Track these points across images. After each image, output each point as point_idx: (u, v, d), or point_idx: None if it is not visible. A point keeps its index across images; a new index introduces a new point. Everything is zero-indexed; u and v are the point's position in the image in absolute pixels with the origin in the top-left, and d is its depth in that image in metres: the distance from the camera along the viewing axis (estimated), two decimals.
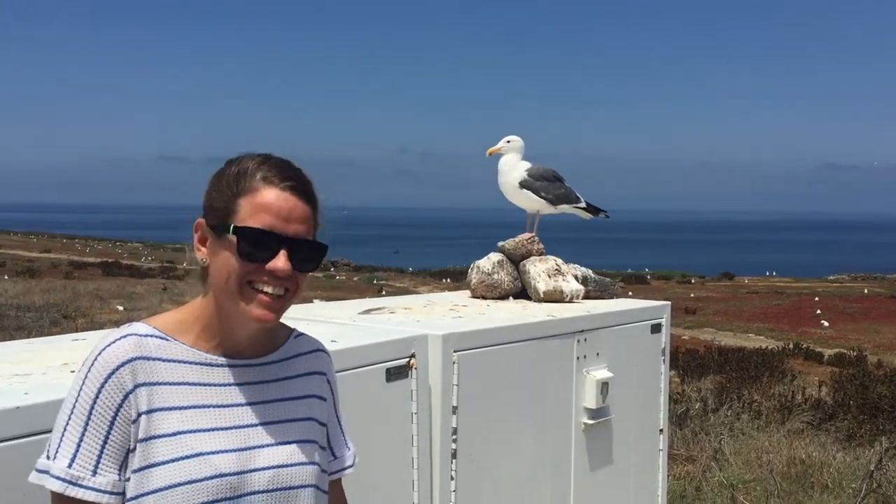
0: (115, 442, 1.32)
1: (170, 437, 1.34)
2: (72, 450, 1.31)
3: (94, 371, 1.33)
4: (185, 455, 1.34)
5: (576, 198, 3.89)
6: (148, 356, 1.36)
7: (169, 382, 1.37)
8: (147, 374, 1.35)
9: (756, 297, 42.19)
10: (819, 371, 17.47)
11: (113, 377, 1.33)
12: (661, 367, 3.51)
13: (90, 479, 1.30)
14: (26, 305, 24.43)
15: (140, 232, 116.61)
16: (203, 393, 1.40)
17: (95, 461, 1.31)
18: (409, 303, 3.40)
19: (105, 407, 1.32)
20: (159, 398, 1.35)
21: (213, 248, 1.41)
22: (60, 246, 66.68)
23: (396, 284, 44.60)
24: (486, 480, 2.69)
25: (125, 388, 1.33)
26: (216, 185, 1.43)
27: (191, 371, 1.40)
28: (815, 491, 6.01)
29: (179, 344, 1.41)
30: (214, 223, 1.41)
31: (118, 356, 1.34)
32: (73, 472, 1.30)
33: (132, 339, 1.37)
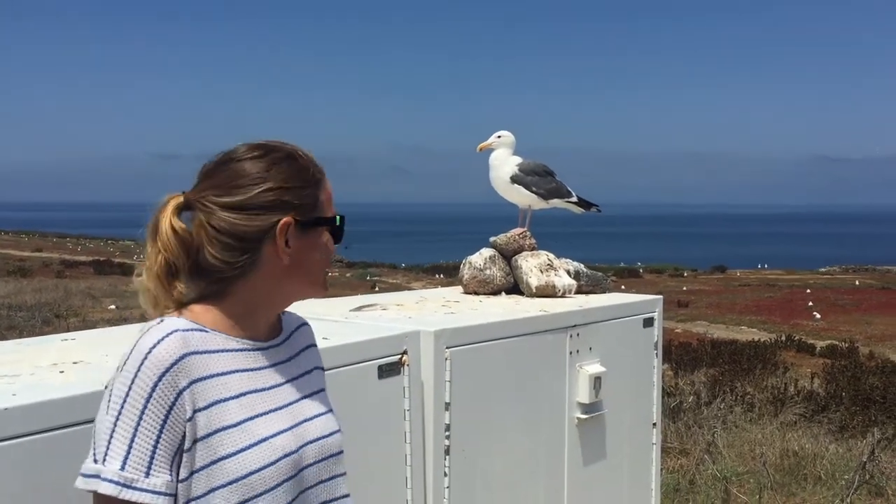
0: (168, 442, 1.30)
1: (234, 428, 1.34)
2: (123, 452, 1.28)
3: (145, 371, 1.29)
4: (254, 442, 1.35)
5: (567, 192, 3.89)
6: (196, 350, 1.34)
7: (220, 373, 1.36)
8: (198, 369, 1.34)
9: (748, 290, 42.34)
10: (811, 363, 17.54)
11: (166, 376, 1.30)
12: (654, 360, 3.51)
13: (143, 480, 1.28)
14: (18, 305, 24.32)
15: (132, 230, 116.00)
16: (251, 378, 1.41)
17: (148, 462, 1.28)
18: (401, 299, 3.39)
19: (158, 407, 1.29)
20: (214, 391, 1.34)
21: (299, 245, 1.43)
22: (52, 245, 66.44)
23: (389, 280, 44.59)
24: (480, 476, 2.69)
25: (178, 387, 1.31)
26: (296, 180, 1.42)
27: (235, 359, 1.40)
28: (808, 483, 6.04)
29: (218, 334, 1.40)
30: (304, 219, 1.42)
31: (169, 355, 1.31)
32: (126, 474, 1.27)
33: (177, 335, 1.33)
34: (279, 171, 1.41)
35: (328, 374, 1.67)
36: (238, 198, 1.39)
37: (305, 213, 1.43)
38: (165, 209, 1.41)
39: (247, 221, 1.39)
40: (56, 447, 1.63)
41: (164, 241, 1.39)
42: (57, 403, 1.65)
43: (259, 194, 1.39)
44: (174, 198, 1.42)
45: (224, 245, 1.39)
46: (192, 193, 1.42)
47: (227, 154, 1.44)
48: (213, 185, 1.41)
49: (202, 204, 1.40)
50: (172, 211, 1.40)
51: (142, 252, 1.48)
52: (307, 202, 1.43)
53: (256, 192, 1.39)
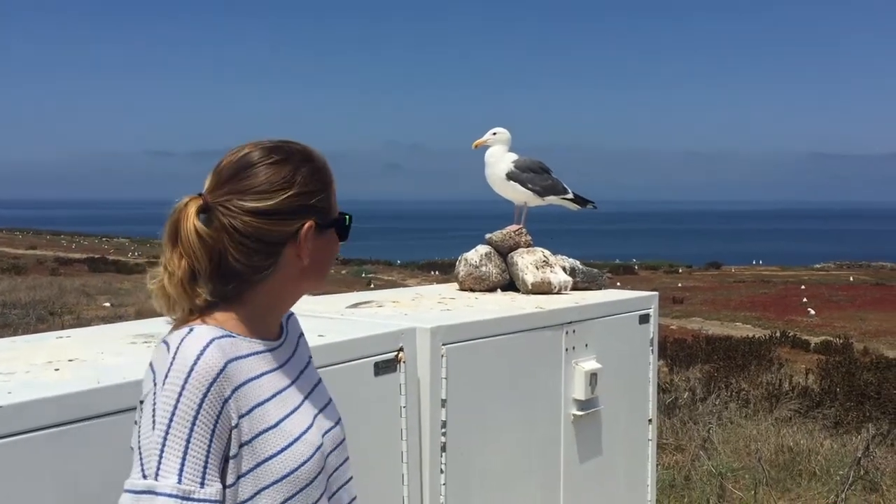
0: (216, 451, 1.31)
1: (274, 429, 1.38)
2: (177, 465, 1.27)
3: (193, 384, 1.29)
4: (292, 441, 1.39)
5: (563, 189, 3.89)
6: (231, 357, 1.36)
7: (254, 377, 1.39)
8: (238, 375, 1.35)
9: (743, 286, 42.40)
10: (806, 359, 17.58)
11: (213, 388, 1.30)
12: (650, 357, 3.51)
13: (200, 491, 1.29)
14: (12, 302, 24.25)
15: (126, 227, 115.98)
16: (277, 377, 1.44)
17: (202, 473, 1.29)
18: (397, 296, 3.39)
19: (207, 417, 1.30)
20: (253, 395, 1.37)
21: (315, 246, 1.45)
22: (46, 242, 66.19)
23: (385, 277, 44.56)
24: (476, 473, 2.69)
25: (223, 396, 1.32)
26: (316, 185, 1.44)
27: (261, 361, 1.42)
28: (803, 478, 6.06)
29: (242, 338, 1.41)
30: (322, 222, 1.45)
31: (214, 366, 1.31)
32: (184, 486, 1.27)
33: (215, 344, 1.34)
34: (301, 175, 1.42)
35: (325, 371, 1.68)
36: (264, 203, 1.38)
37: (323, 216, 1.46)
38: (187, 212, 1.37)
39: (272, 226, 1.39)
40: (52, 445, 1.63)
41: (188, 245, 1.37)
42: (52, 401, 1.65)
43: (284, 200, 1.40)
44: (194, 200, 1.39)
45: (248, 249, 1.39)
46: (213, 196, 1.39)
47: (245, 156, 1.42)
48: (236, 190, 1.39)
49: (225, 208, 1.38)
50: (195, 214, 1.38)
51: (136, 249, 1.47)
52: (324, 205, 1.46)
53: (282, 199, 1.39)
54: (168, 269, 1.38)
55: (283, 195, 1.40)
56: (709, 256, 63.04)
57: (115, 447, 1.61)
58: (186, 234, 1.36)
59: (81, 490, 1.68)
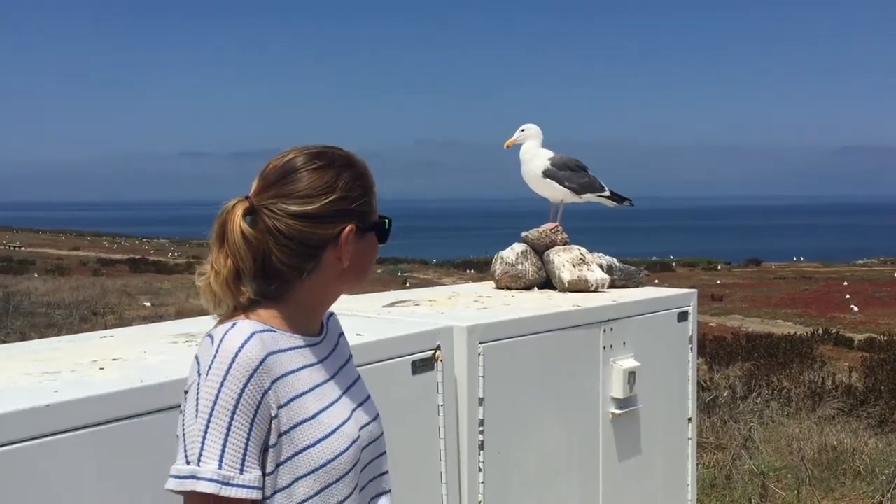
0: (256, 439, 1.37)
1: (312, 420, 1.42)
2: (218, 451, 1.33)
3: (234, 374, 1.35)
4: (329, 432, 1.43)
5: (600, 186, 3.86)
6: (272, 350, 1.41)
7: (294, 370, 1.44)
8: (277, 368, 1.41)
9: (783, 283, 41.73)
10: (849, 356, 17.25)
11: (253, 378, 1.36)
12: (689, 355, 3.47)
13: (239, 477, 1.34)
14: (56, 303, 24.75)
15: (165, 227, 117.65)
16: (316, 372, 1.49)
17: (242, 460, 1.35)
18: (434, 295, 3.39)
19: (247, 407, 1.35)
20: (292, 387, 1.42)
21: (356, 248, 1.50)
22: (88, 243, 67.38)
23: (420, 276, 44.63)
24: (514, 472, 2.69)
25: (263, 387, 1.37)
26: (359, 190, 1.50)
27: (301, 355, 1.47)
28: (847, 478, 5.95)
29: (283, 333, 1.46)
30: (363, 225, 1.50)
31: (254, 358, 1.37)
32: (224, 472, 1.33)
33: (256, 337, 1.40)
34: (343, 181, 1.47)
35: (362, 369, 1.69)
36: (308, 207, 1.44)
37: (364, 220, 1.51)
38: (234, 214, 1.43)
39: (314, 229, 1.45)
40: (97, 443, 1.66)
41: (234, 245, 1.42)
42: (97, 400, 1.68)
43: (327, 204, 1.45)
44: (240, 202, 1.45)
45: (291, 251, 1.44)
46: (258, 199, 1.45)
47: (290, 162, 1.47)
48: (280, 194, 1.44)
49: (270, 210, 1.43)
50: (241, 216, 1.43)
51: (176, 250, 1.51)
52: (365, 209, 1.51)
53: (324, 203, 1.45)
54: (214, 268, 1.43)
55: (325, 200, 1.45)
56: (748, 253, 62.14)
57: (159, 444, 1.63)
58: (232, 234, 1.42)
59: (126, 487, 1.71)
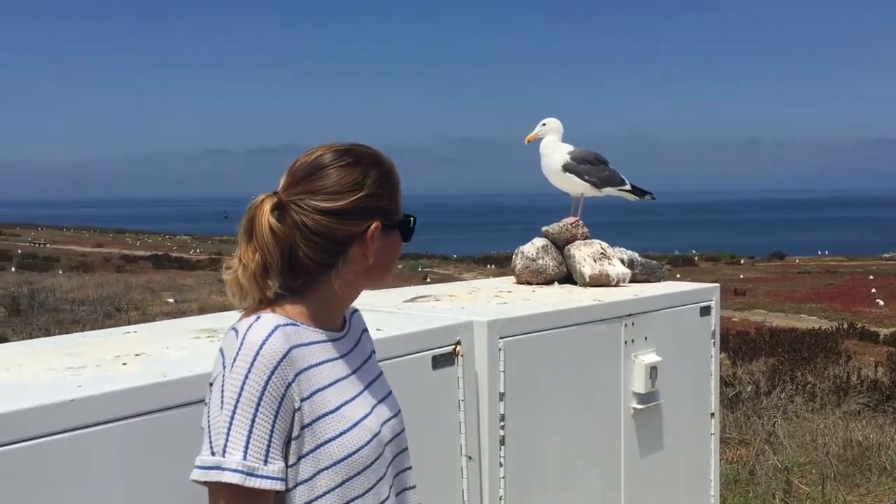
0: (280, 431, 1.39)
1: (334, 413, 1.44)
2: (243, 443, 1.35)
3: (258, 367, 1.37)
4: (350, 426, 1.45)
5: (620, 180, 3.84)
6: (295, 344, 1.43)
7: (316, 364, 1.46)
8: (300, 361, 1.43)
9: (808, 277, 41.31)
10: (875, 351, 17.05)
11: (277, 371, 1.38)
12: (711, 350, 3.45)
13: (263, 468, 1.36)
14: (81, 299, 25.02)
15: (188, 224, 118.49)
16: (338, 366, 1.50)
17: (266, 451, 1.37)
18: (454, 290, 3.39)
19: (271, 399, 1.38)
20: (314, 381, 1.44)
21: (381, 246, 1.51)
22: (111, 240, 68.01)
23: (441, 271, 44.63)
24: (535, 467, 2.68)
25: (287, 380, 1.39)
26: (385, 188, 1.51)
27: (323, 350, 1.49)
28: (873, 473, 5.89)
29: (306, 327, 1.48)
30: (389, 223, 1.52)
31: (278, 351, 1.39)
32: (248, 463, 1.35)
33: (280, 330, 1.42)
34: (370, 178, 1.49)
35: (383, 364, 1.69)
36: (335, 204, 1.46)
37: (390, 217, 1.53)
38: (262, 209, 1.45)
39: (340, 225, 1.46)
40: (121, 437, 1.68)
41: (262, 240, 1.44)
42: (121, 394, 1.70)
43: (354, 201, 1.47)
44: (269, 198, 1.47)
45: (317, 246, 1.47)
46: (287, 195, 1.47)
47: (318, 158, 1.49)
48: (308, 190, 1.46)
49: (297, 206, 1.46)
50: (269, 211, 1.45)
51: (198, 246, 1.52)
52: (391, 207, 1.53)
53: (351, 200, 1.47)
54: (242, 262, 1.46)
55: (353, 197, 1.47)
56: (772, 246, 61.56)
57: (182, 439, 1.65)
58: (261, 229, 1.44)
59: (149, 481, 1.72)
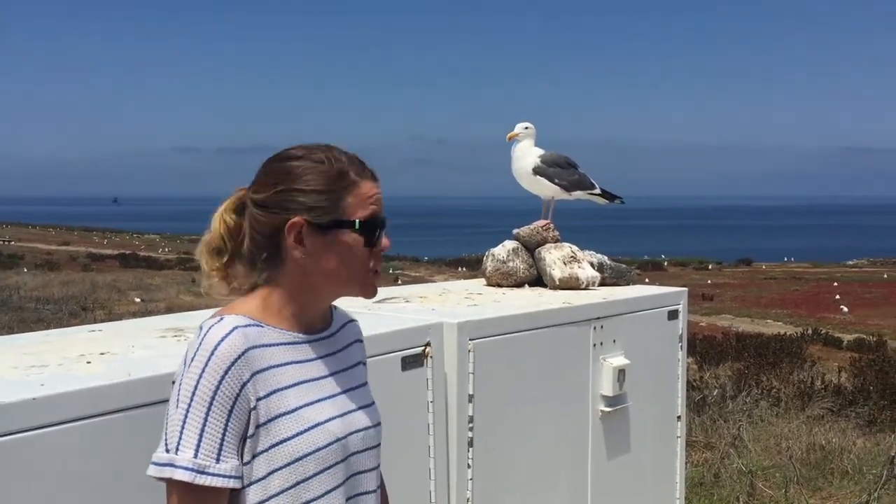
0: (234, 430, 1.40)
1: (291, 414, 1.44)
2: (195, 441, 1.37)
3: (213, 366, 1.39)
4: (308, 427, 1.45)
5: (590, 184, 3.86)
6: (255, 344, 1.45)
7: (277, 365, 1.46)
8: (258, 361, 1.44)
9: (774, 283, 41.90)
10: (838, 357, 17.33)
11: (231, 370, 1.40)
12: (679, 353, 3.48)
13: (215, 466, 1.38)
14: (45, 298, 24.65)
15: (156, 223, 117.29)
16: (303, 369, 1.50)
17: (218, 449, 1.38)
18: (424, 291, 3.39)
19: (225, 398, 1.39)
20: (273, 381, 1.44)
21: (316, 244, 1.49)
22: (78, 238, 67.15)
23: (412, 273, 44.62)
24: (503, 468, 2.69)
25: (242, 379, 1.41)
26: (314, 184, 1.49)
27: (288, 351, 1.50)
28: (836, 477, 5.97)
29: (272, 328, 1.49)
30: (320, 221, 1.49)
31: (233, 350, 1.41)
32: (199, 461, 1.37)
33: (239, 331, 1.44)
34: (304, 174, 1.50)
35: None
36: (259, 195, 1.51)
37: (320, 216, 1.49)
38: (223, 203, 1.56)
39: (263, 217, 1.50)
40: (84, 437, 1.65)
41: (216, 230, 1.54)
42: (84, 394, 1.67)
43: (274, 194, 1.49)
44: (237, 192, 1.56)
45: (252, 238, 1.52)
46: (249, 189, 1.55)
47: (276, 154, 1.55)
48: (252, 182, 1.54)
49: (249, 199, 1.53)
50: (228, 204, 1.55)
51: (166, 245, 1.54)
52: (324, 205, 1.49)
53: (272, 192, 1.49)
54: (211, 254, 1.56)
55: (275, 189, 1.49)
56: (739, 253, 62.33)
57: (146, 438, 1.62)
58: (216, 219, 1.55)
59: (113, 481, 1.70)
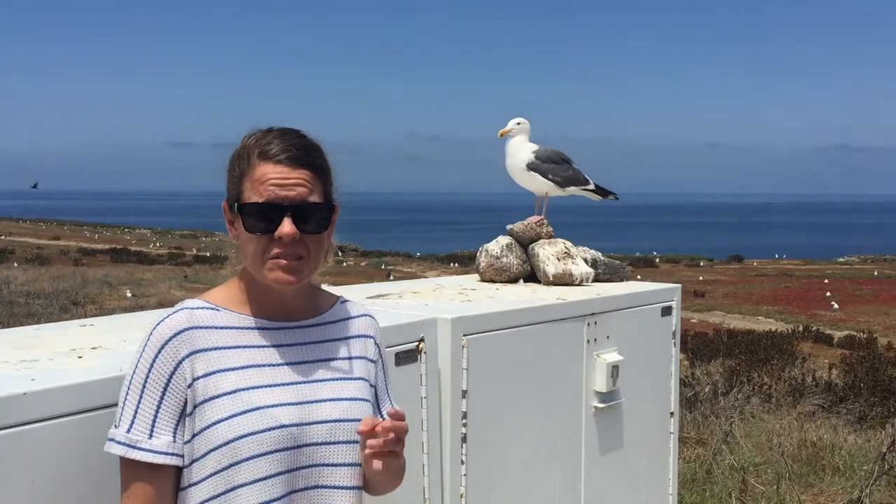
0: (169, 406, 1.43)
1: (229, 395, 1.44)
2: (130, 416, 1.42)
3: (150, 344, 1.44)
4: (246, 409, 1.43)
5: (584, 180, 3.86)
6: (199, 325, 1.46)
7: (223, 347, 1.47)
8: (200, 341, 1.45)
9: (765, 280, 42.05)
10: (829, 353, 17.42)
11: (166, 347, 1.43)
12: (672, 350, 3.48)
13: (146, 441, 1.41)
14: (36, 292, 24.55)
15: (148, 218, 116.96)
16: (257, 354, 1.49)
17: (151, 425, 1.42)
18: (418, 287, 3.38)
19: (159, 374, 1.42)
20: (216, 362, 1.45)
21: (238, 229, 1.51)
22: (69, 233, 66.85)
23: (404, 269, 44.59)
24: (497, 464, 2.68)
25: (178, 357, 1.43)
26: (229, 168, 1.53)
27: (243, 335, 1.50)
28: (827, 473, 6.00)
29: (229, 312, 1.51)
30: (231, 205, 1.51)
31: (171, 328, 1.45)
32: (132, 436, 1.41)
33: (184, 312, 1.47)
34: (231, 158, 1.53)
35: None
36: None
37: (230, 200, 1.52)
38: None
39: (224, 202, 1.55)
40: (76, 431, 1.64)
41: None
42: (75, 388, 1.66)
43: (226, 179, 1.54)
44: None
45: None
46: None
47: None
48: None
49: None
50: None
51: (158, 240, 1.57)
52: (234, 188, 1.51)
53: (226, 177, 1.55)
54: None
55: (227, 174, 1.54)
56: (731, 250, 62.54)
57: None
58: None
59: (105, 475, 1.68)
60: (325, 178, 1.52)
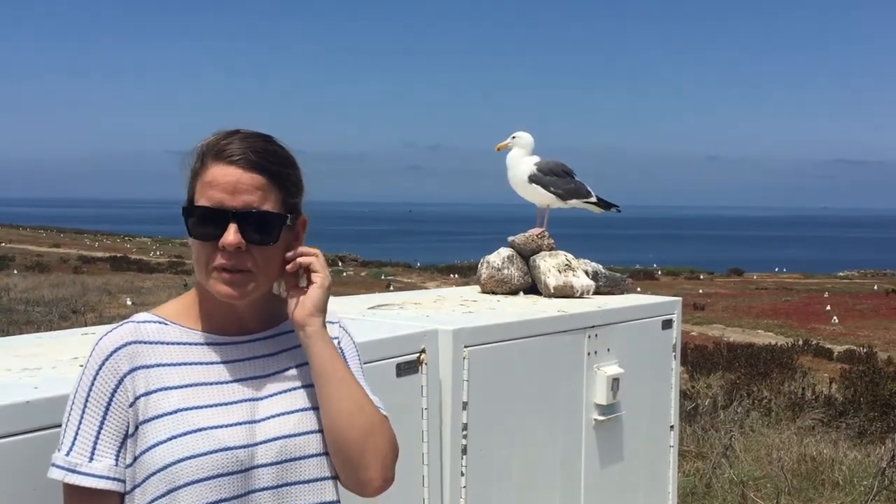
0: (111, 427, 1.33)
1: (170, 416, 1.33)
2: (71, 439, 1.33)
3: (92, 360, 1.36)
4: (187, 431, 1.32)
5: (586, 192, 3.86)
6: (144, 340, 1.38)
7: (167, 364, 1.37)
8: (143, 357, 1.36)
9: (765, 294, 42.00)
10: (829, 368, 17.38)
11: (107, 363, 1.34)
12: (672, 363, 3.48)
13: (87, 465, 1.32)
14: (36, 300, 24.53)
15: (148, 226, 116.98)
16: (204, 371, 1.39)
17: (92, 448, 1.32)
18: (419, 298, 3.38)
19: (100, 393, 1.34)
20: (158, 379, 1.36)
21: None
22: (69, 240, 66.84)
23: (404, 280, 44.54)
24: (497, 476, 2.68)
25: (119, 373, 1.34)
26: (189, 170, 1.42)
27: (190, 351, 1.40)
28: (826, 488, 5.98)
29: (178, 327, 1.42)
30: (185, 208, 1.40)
31: (113, 343, 1.36)
32: (71, 459, 1.32)
33: (129, 325, 1.39)
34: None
35: None
36: None
37: (187, 203, 1.41)
38: None
39: None
40: None
41: None
42: None
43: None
44: None
45: None
46: None
47: None
48: None
49: None
50: None
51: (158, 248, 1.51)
52: (189, 192, 1.41)
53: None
54: None
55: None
56: (731, 263, 62.53)
57: None
58: None
59: None
60: (284, 187, 1.39)
